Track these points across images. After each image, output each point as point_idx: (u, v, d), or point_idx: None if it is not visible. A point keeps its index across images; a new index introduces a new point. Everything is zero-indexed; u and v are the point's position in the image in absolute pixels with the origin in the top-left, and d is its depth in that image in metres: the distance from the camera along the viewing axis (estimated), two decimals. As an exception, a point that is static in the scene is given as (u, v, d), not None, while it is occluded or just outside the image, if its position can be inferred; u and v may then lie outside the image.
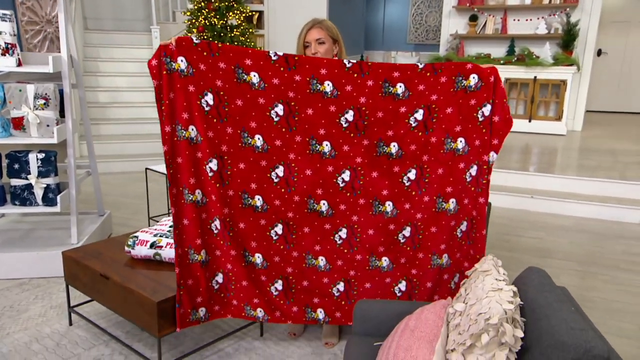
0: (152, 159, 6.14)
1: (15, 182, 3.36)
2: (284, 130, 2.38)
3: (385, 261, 2.53)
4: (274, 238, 2.51)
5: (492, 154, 2.38)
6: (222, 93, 2.32)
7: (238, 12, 7.23)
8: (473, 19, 7.50)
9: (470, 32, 7.57)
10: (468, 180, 2.40)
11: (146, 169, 4.18)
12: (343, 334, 2.78)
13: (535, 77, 7.08)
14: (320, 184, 2.45)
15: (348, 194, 2.47)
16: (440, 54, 7.76)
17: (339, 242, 2.52)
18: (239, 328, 2.76)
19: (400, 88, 2.34)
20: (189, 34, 7.25)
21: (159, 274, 2.52)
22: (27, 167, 3.34)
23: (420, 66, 2.34)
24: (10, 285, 3.31)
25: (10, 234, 3.71)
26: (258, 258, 2.51)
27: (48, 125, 3.34)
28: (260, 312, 2.54)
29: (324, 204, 2.48)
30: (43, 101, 3.30)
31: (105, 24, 8.04)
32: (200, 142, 2.33)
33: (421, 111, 2.37)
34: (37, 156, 3.35)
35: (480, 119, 2.34)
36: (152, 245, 2.63)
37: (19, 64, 3.31)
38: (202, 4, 7.12)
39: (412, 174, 2.43)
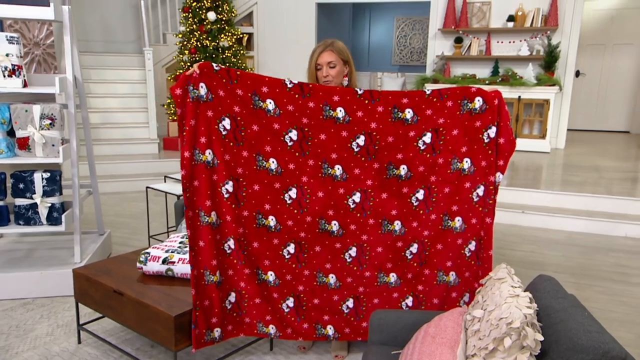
0: (145, 179, 6.17)
1: (20, 201, 3.36)
2: (297, 154, 2.46)
3: (392, 277, 2.60)
4: (287, 257, 2.57)
5: (498, 174, 2.47)
6: (239, 119, 2.40)
7: (229, 34, 7.36)
8: (458, 41, 7.73)
9: (455, 54, 7.79)
10: (475, 200, 2.49)
11: (147, 187, 4.21)
12: (352, 346, 2.82)
13: (519, 96, 7.30)
14: (331, 206, 2.53)
15: (358, 215, 2.54)
16: (427, 74, 7.96)
17: (348, 260, 2.59)
18: (249, 343, 2.79)
19: (408, 113, 2.44)
20: (181, 56, 7.35)
21: (172, 289, 2.55)
22: (32, 187, 3.35)
23: (428, 92, 2.44)
24: (14, 305, 3.29)
25: (12, 254, 3.70)
26: (271, 276, 2.57)
27: (53, 145, 3.37)
28: (272, 329, 2.59)
29: (334, 224, 2.55)
30: (49, 121, 3.33)
31: (95, 46, 8.09)
32: (217, 165, 2.39)
33: (429, 134, 2.46)
34: (42, 175, 3.36)
35: (486, 141, 2.43)
36: (165, 261, 2.66)
37: (25, 85, 3.35)
38: (194, 26, 7.23)
39: (420, 194, 2.52)
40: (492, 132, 2.42)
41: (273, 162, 2.46)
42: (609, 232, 4.78)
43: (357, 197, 2.52)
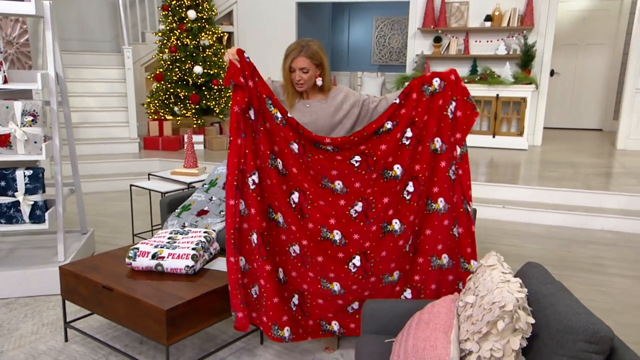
0: (125, 179, 6.10)
1: (1, 199, 3.30)
2: (301, 161, 2.50)
3: (396, 274, 2.60)
4: (293, 255, 2.57)
5: (457, 147, 2.52)
6: (259, 114, 2.46)
7: (210, 32, 7.32)
8: (437, 40, 7.84)
9: (435, 53, 7.90)
10: (453, 178, 2.52)
11: (131, 185, 4.16)
12: (343, 339, 2.85)
13: (497, 95, 7.43)
14: (333, 215, 2.54)
15: (362, 223, 2.54)
16: (407, 73, 8.04)
17: (353, 270, 2.55)
18: (240, 337, 2.79)
19: (388, 124, 2.52)
20: (161, 54, 7.29)
21: (163, 284, 2.54)
22: (14, 185, 3.30)
23: (397, 101, 2.52)
24: (-3, 305, 3.23)
25: (-8, 253, 3.63)
26: (280, 273, 2.57)
27: (35, 142, 3.32)
28: (287, 332, 2.50)
29: (337, 233, 2.53)
30: (31, 118, 3.28)
31: (72, 45, 7.96)
32: (247, 154, 2.44)
33: (409, 129, 2.51)
34: (24, 173, 3.31)
35: (450, 116, 2.49)
36: (154, 256, 2.65)
37: (5, 81, 3.29)
38: (174, 24, 7.18)
39: (410, 187, 2.54)
40: (453, 106, 2.48)
41: (279, 162, 2.51)
42: (586, 225, 4.90)
43: (358, 207, 2.54)
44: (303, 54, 2.60)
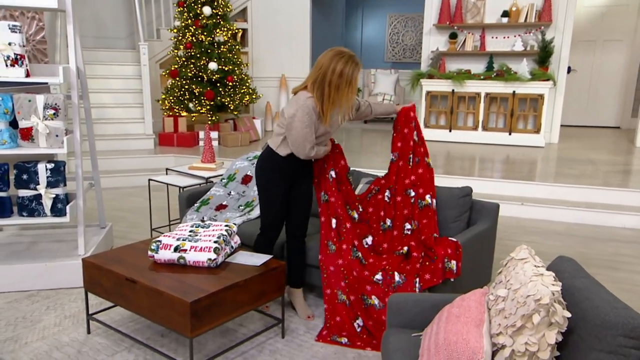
0: (141, 175, 6.11)
1: (24, 192, 3.31)
2: (334, 189, 3.08)
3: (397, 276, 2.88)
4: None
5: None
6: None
7: (225, 29, 7.32)
8: (453, 36, 7.77)
9: (450, 49, 7.83)
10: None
11: (149, 179, 4.17)
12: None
13: (514, 91, 7.35)
14: (357, 234, 3.09)
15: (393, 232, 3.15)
16: (422, 70, 7.98)
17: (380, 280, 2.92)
18: (261, 331, 2.77)
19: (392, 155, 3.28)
20: (176, 51, 7.30)
21: (185, 277, 2.53)
22: (36, 178, 3.31)
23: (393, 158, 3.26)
24: (19, 297, 3.24)
25: (13, 247, 3.64)
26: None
27: (57, 136, 3.33)
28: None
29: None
30: (52, 111, 3.29)
31: (88, 42, 7.99)
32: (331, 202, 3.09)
33: (411, 156, 3.21)
34: (46, 166, 3.32)
35: (416, 139, 3.18)
36: (176, 249, 2.64)
37: (28, 75, 3.30)
38: (189, 21, 7.19)
39: (411, 192, 3.17)
40: (416, 134, 3.20)
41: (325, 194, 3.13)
42: (607, 222, 4.83)
43: (389, 222, 3.17)
44: None
